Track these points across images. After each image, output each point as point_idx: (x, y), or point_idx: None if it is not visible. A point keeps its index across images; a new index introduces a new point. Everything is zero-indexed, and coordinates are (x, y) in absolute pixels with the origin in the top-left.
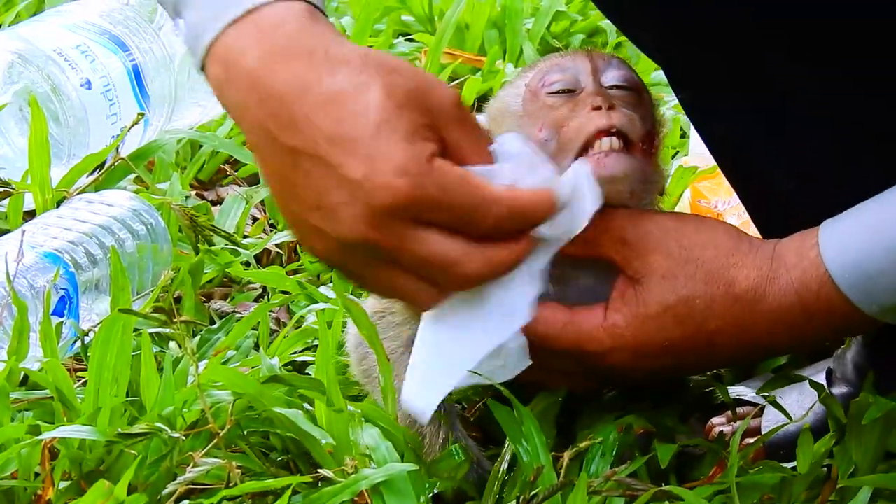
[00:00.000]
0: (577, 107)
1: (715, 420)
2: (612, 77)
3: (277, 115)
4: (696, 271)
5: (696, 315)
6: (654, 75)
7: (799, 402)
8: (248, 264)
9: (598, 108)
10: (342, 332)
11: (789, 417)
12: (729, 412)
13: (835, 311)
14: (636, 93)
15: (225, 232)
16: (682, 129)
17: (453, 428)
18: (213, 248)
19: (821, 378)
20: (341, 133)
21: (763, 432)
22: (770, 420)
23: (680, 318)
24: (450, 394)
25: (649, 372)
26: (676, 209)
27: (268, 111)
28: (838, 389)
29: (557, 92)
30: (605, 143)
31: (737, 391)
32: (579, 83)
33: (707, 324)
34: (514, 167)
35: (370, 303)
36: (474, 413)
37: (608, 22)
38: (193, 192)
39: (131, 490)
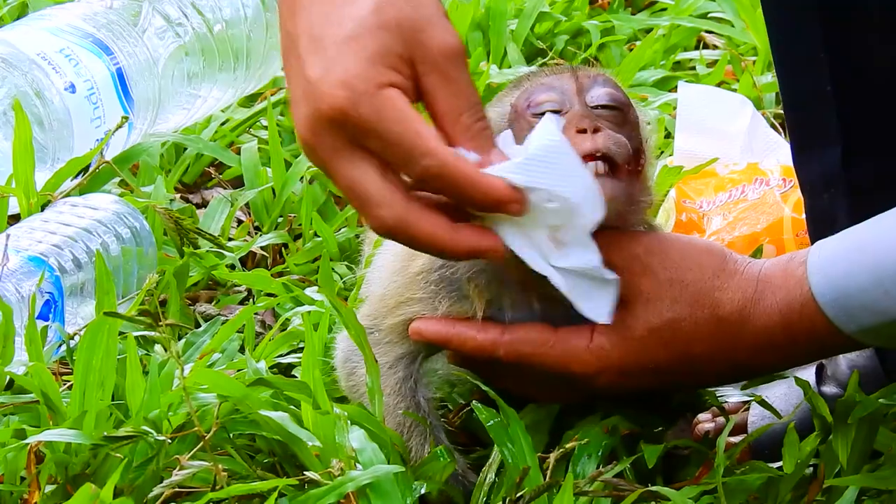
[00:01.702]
0: (563, 129)
1: (701, 416)
2: (597, 96)
3: None
4: (680, 294)
5: (682, 337)
6: (639, 76)
7: (786, 396)
8: (233, 267)
9: (584, 130)
10: (328, 334)
11: (777, 415)
12: (715, 408)
13: (817, 330)
14: (622, 111)
15: (210, 235)
16: (666, 129)
17: (438, 441)
18: (198, 250)
19: (809, 374)
20: (318, 32)
21: (749, 428)
22: (756, 415)
23: (665, 340)
24: (434, 402)
25: (636, 389)
26: (661, 209)
27: None
28: (829, 389)
29: (543, 113)
30: (591, 167)
31: (724, 390)
32: (565, 103)
33: (692, 346)
34: (540, 162)
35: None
36: (460, 416)
37: (592, 22)
38: (178, 196)
39: (117, 493)
